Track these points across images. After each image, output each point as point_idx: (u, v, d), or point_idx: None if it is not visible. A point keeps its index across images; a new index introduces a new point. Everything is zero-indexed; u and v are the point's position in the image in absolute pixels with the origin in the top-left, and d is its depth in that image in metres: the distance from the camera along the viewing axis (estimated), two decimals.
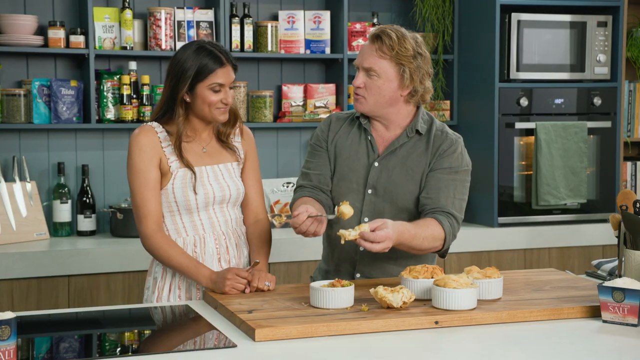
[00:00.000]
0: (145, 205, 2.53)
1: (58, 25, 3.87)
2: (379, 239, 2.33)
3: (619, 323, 2.17)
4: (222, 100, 2.53)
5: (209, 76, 2.51)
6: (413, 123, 2.61)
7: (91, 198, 3.97)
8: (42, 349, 2.11)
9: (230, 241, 2.63)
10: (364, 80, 2.56)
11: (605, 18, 4.28)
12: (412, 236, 2.44)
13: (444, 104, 4.39)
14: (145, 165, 2.53)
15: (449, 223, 2.53)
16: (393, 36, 2.52)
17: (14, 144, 3.95)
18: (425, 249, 2.51)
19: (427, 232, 2.48)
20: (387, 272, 2.64)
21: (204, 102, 2.52)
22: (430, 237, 2.49)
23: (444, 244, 2.54)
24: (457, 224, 2.56)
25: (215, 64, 2.51)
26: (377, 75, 2.54)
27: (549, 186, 4.17)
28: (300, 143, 4.36)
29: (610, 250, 4.22)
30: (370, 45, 2.56)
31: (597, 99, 4.29)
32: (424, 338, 2.08)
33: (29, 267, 3.50)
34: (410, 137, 2.61)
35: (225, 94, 2.54)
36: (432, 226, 2.50)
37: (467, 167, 2.64)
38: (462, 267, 3.74)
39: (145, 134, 2.55)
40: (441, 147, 2.60)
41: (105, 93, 3.94)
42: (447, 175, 2.58)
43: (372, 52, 2.55)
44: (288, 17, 4.22)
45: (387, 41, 2.52)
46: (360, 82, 2.57)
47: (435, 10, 4.34)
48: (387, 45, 2.52)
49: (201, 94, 2.52)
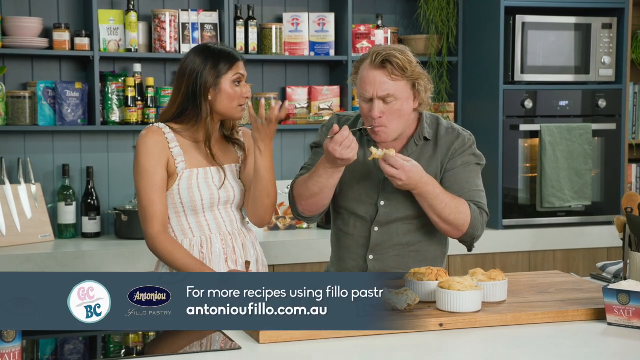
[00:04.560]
0: (151, 207, 2.52)
1: (63, 27, 3.88)
2: (394, 164, 2.37)
3: (624, 326, 2.17)
4: (244, 94, 2.57)
5: (232, 67, 2.55)
6: (419, 130, 2.60)
7: (96, 200, 3.97)
8: (46, 351, 2.11)
9: (237, 241, 2.63)
10: (381, 109, 2.48)
11: (610, 20, 4.28)
12: (435, 194, 2.44)
13: (449, 106, 4.39)
14: (153, 167, 2.53)
15: (476, 207, 2.53)
16: (398, 56, 2.46)
17: (19, 146, 3.96)
18: (447, 218, 2.47)
19: (454, 201, 2.48)
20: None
21: (228, 97, 2.55)
22: (455, 207, 2.47)
23: (468, 227, 2.51)
24: (485, 214, 2.55)
25: (233, 57, 2.57)
26: (395, 99, 2.48)
27: (553, 188, 4.17)
28: (305, 145, 4.36)
29: (615, 253, 4.21)
30: (378, 72, 2.47)
31: (602, 101, 4.29)
32: (429, 340, 2.07)
33: (33, 268, 3.51)
34: (418, 144, 2.60)
35: (245, 87, 2.58)
36: (459, 200, 2.50)
37: (481, 162, 2.63)
38: (467, 270, 3.74)
39: (152, 135, 2.55)
40: (453, 147, 2.59)
41: (110, 95, 3.95)
42: (465, 169, 2.58)
43: (384, 78, 2.46)
44: (292, 19, 4.22)
45: (397, 63, 2.46)
46: (378, 112, 2.48)
47: (440, 12, 4.33)
48: (398, 67, 2.46)
49: (225, 89, 2.54)
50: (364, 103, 2.52)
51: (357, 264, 2.64)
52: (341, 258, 2.68)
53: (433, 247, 2.64)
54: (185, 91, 2.55)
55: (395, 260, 2.60)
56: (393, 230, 2.59)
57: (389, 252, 2.60)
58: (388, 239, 2.60)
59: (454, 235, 2.55)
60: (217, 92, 2.54)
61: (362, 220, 2.62)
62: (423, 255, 2.62)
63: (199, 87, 2.53)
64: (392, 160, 2.39)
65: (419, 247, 2.61)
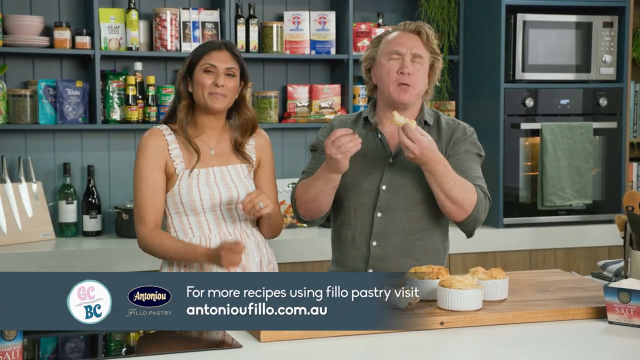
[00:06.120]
0: (143, 208, 2.56)
1: (64, 26, 3.88)
2: (412, 137, 2.39)
3: (625, 324, 2.17)
4: (214, 82, 2.56)
5: (202, 57, 2.58)
6: (420, 116, 2.65)
7: (97, 198, 3.98)
8: (47, 349, 2.12)
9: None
10: (412, 67, 2.58)
11: (611, 18, 4.28)
12: (445, 173, 2.45)
13: (449, 105, 4.39)
14: (150, 169, 2.56)
15: (481, 191, 2.55)
16: (431, 32, 2.62)
17: (19, 145, 3.96)
18: (454, 197, 2.48)
19: (462, 181, 2.49)
20: (400, 266, 2.60)
21: (198, 85, 2.58)
22: (463, 187, 2.48)
23: (473, 209, 2.51)
24: (488, 199, 2.58)
25: (210, 47, 2.60)
26: (421, 64, 2.59)
27: (554, 187, 4.17)
28: (306, 144, 4.36)
29: (616, 251, 4.21)
30: (412, 36, 2.60)
31: (602, 100, 4.28)
32: (429, 339, 2.07)
33: (34, 267, 3.51)
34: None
35: (217, 76, 2.57)
36: (467, 181, 2.52)
37: (481, 153, 2.67)
38: (468, 268, 3.74)
39: (152, 138, 2.58)
40: (455, 135, 2.63)
41: (110, 94, 3.95)
42: (466, 156, 2.61)
43: (417, 42, 2.59)
44: (293, 18, 4.22)
45: (429, 34, 2.61)
46: (410, 69, 2.57)
47: (441, 10, 4.33)
48: (430, 39, 2.61)
49: (196, 78, 2.58)
50: (392, 61, 2.59)
51: (360, 253, 2.62)
52: (343, 251, 2.66)
53: (435, 236, 2.64)
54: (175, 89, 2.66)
55: (398, 248, 2.59)
56: (396, 216, 2.59)
57: (392, 238, 2.60)
58: (391, 224, 2.60)
59: (458, 217, 2.53)
60: (193, 82, 2.60)
61: (364, 207, 2.62)
62: (425, 245, 2.62)
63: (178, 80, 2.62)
64: (411, 132, 2.40)
65: (422, 235, 2.61)
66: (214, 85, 2.56)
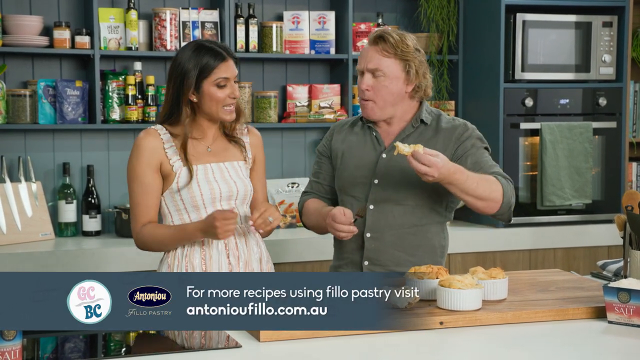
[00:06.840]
0: (137, 208, 2.58)
1: (63, 25, 3.88)
2: (426, 162, 2.36)
3: (625, 324, 2.17)
4: (229, 95, 2.55)
5: (213, 71, 2.53)
6: (417, 115, 2.66)
7: (96, 198, 3.98)
8: (47, 349, 2.12)
9: (240, 238, 2.63)
10: (370, 82, 2.59)
11: (611, 18, 4.28)
12: (465, 177, 2.44)
13: (449, 104, 4.39)
14: (143, 170, 2.56)
15: (504, 178, 2.55)
16: (394, 35, 2.59)
17: (19, 145, 3.96)
18: (481, 195, 2.48)
19: (483, 178, 2.49)
20: (395, 260, 2.63)
21: (211, 100, 2.54)
22: (486, 182, 2.48)
23: (503, 197, 2.51)
24: (510, 181, 2.57)
25: (216, 59, 2.54)
26: (383, 74, 2.58)
27: (554, 187, 4.17)
28: (305, 143, 4.36)
29: (616, 251, 4.21)
30: (372, 47, 2.60)
31: (602, 100, 4.28)
32: (429, 339, 2.07)
33: (34, 267, 3.51)
34: (415, 127, 2.65)
35: (231, 88, 2.56)
36: (486, 176, 2.52)
37: (487, 146, 2.68)
38: (467, 268, 3.74)
39: (147, 138, 2.58)
40: (457, 133, 2.64)
41: (110, 93, 3.95)
42: (476, 150, 2.62)
43: (375, 53, 2.59)
44: (293, 18, 4.22)
45: (389, 40, 2.57)
46: (366, 84, 2.59)
47: (440, 10, 4.33)
48: (390, 44, 2.57)
49: (208, 92, 2.54)
50: (359, 78, 2.64)
51: (356, 245, 2.67)
52: (341, 243, 2.71)
53: (430, 233, 2.66)
54: (172, 92, 2.57)
55: (392, 241, 2.63)
56: (388, 210, 2.63)
57: (385, 231, 2.64)
58: (383, 217, 2.63)
59: (492, 210, 2.54)
60: (201, 95, 2.55)
61: (358, 200, 2.67)
62: (420, 240, 2.65)
63: (182, 90, 2.54)
64: (422, 157, 2.37)
65: (415, 230, 2.64)
66: (230, 98, 2.56)
